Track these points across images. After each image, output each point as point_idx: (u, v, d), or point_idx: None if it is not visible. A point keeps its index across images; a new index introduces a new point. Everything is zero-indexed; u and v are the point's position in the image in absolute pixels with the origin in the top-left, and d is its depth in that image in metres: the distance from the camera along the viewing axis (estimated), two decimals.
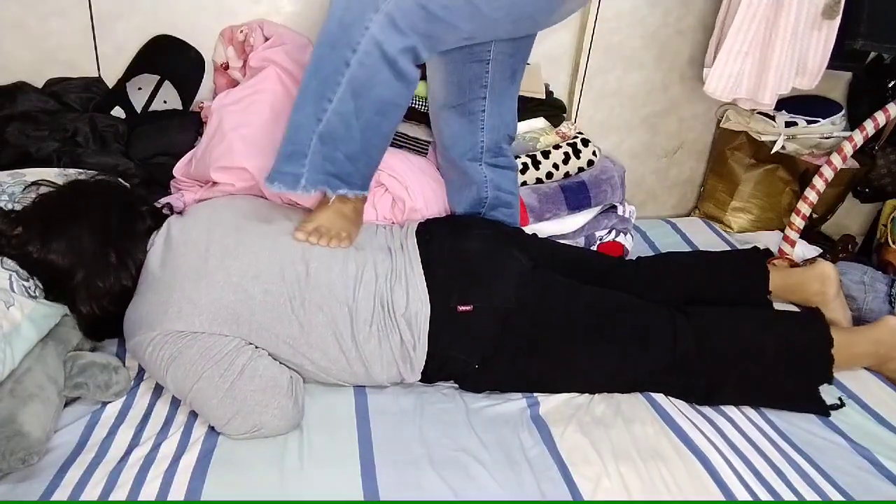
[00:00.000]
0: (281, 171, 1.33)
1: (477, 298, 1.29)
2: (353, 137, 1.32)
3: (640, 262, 1.61)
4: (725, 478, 1.18)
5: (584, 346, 1.33)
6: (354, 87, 1.28)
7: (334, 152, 1.32)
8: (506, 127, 1.60)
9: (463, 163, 1.59)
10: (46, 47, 1.74)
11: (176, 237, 1.30)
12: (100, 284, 1.26)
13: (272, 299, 1.23)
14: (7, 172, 1.45)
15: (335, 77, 1.28)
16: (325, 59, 1.29)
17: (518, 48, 1.52)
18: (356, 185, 1.38)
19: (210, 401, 1.16)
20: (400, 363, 1.28)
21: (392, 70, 1.28)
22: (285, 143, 1.33)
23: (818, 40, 1.84)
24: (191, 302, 1.20)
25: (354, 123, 1.31)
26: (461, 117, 1.55)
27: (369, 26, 1.25)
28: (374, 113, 1.32)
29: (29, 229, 1.25)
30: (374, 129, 1.34)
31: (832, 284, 1.59)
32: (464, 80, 1.52)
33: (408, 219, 1.58)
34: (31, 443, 1.07)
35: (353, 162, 1.35)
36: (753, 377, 1.35)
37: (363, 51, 1.26)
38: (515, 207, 1.65)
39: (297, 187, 1.32)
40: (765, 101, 1.85)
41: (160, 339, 1.17)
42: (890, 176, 2.15)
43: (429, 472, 1.14)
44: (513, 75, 1.55)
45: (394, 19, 1.25)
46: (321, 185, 1.34)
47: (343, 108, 1.29)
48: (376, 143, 1.37)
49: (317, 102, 1.30)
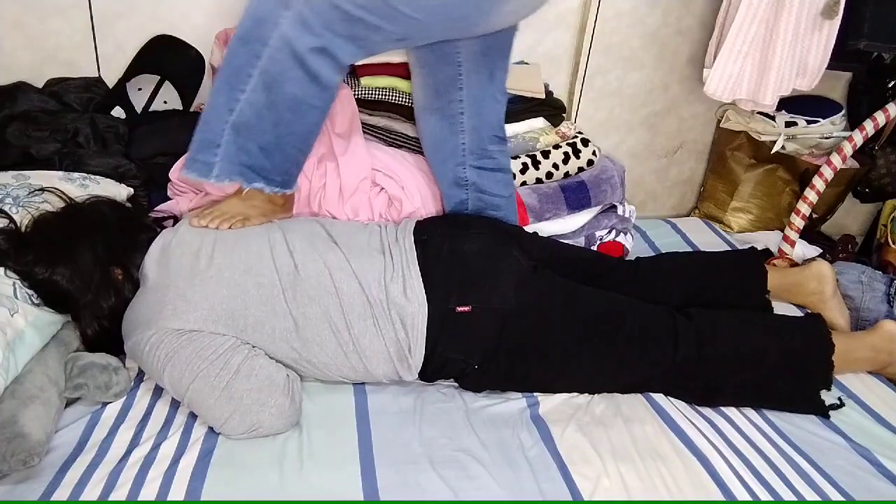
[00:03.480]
0: (195, 158, 1.34)
1: (476, 299, 1.29)
2: (265, 129, 1.33)
3: (639, 263, 1.61)
4: (725, 478, 1.18)
5: (583, 348, 1.33)
6: (266, 80, 1.30)
7: (248, 143, 1.33)
8: (489, 128, 1.57)
9: (446, 165, 1.58)
10: (46, 47, 1.74)
11: (170, 243, 1.31)
12: (103, 305, 1.27)
13: (265, 292, 1.24)
14: (11, 174, 1.45)
15: (247, 69, 1.29)
16: (237, 53, 1.30)
17: (490, 47, 1.49)
18: (275, 181, 1.38)
19: (206, 400, 1.16)
20: (396, 361, 1.28)
21: (302, 69, 1.29)
22: (197, 131, 1.34)
23: (818, 40, 1.84)
24: (184, 299, 1.20)
25: (267, 115, 1.32)
26: (441, 120, 1.55)
27: (279, 22, 1.26)
28: (286, 109, 1.32)
29: (34, 252, 1.26)
30: (286, 125, 1.34)
31: (828, 283, 1.60)
32: (439, 83, 1.52)
33: (405, 218, 1.57)
34: (32, 444, 1.07)
35: (268, 156, 1.35)
36: (753, 381, 1.35)
37: (274, 46, 1.28)
38: (505, 210, 1.62)
39: (209, 176, 1.33)
40: (765, 101, 1.85)
41: (156, 339, 1.18)
42: (890, 176, 2.15)
43: (428, 471, 1.14)
44: (491, 75, 1.53)
45: (304, 18, 1.26)
46: (235, 175, 1.34)
47: (255, 99, 1.31)
48: (291, 140, 1.37)
49: (229, 93, 1.31)
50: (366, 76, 1.68)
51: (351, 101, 1.68)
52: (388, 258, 1.33)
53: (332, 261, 1.30)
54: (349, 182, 1.56)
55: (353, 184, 1.57)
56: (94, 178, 1.53)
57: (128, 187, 1.58)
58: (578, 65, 2.04)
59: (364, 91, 1.69)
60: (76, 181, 1.49)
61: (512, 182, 1.67)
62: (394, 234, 1.42)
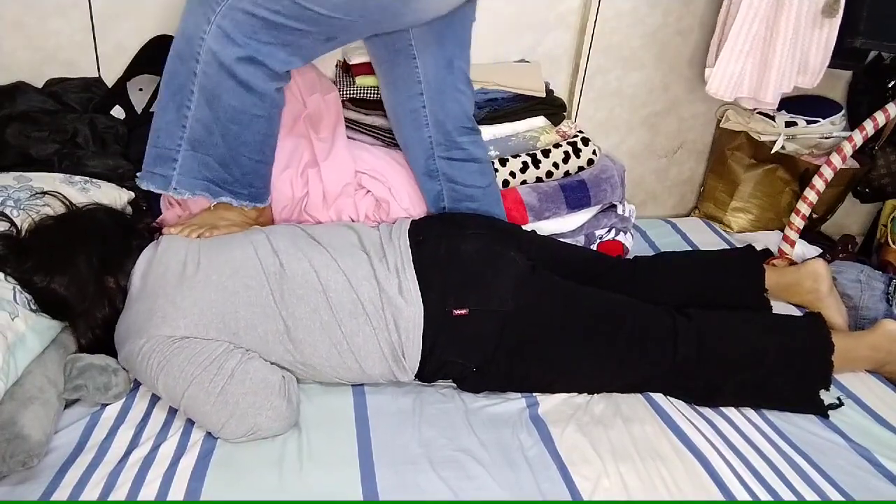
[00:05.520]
0: (151, 171, 1.37)
1: (473, 302, 1.29)
2: (217, 143, 1.35)
3: (637, 262, 1.61)
4: (725, 478, 1.18)
5: (583, 349, 1.33)
6: (206, 95, 1.32)
7: (206, 158, 1.36)
8: (454, 119, 1.57)
9: (417, 158, 1.59)
10: (46, 47, 1.74)
11: (156, 254, 1.32)
12: (97, 315, 1.28)
13: (254, 294, 1.24)
14: (12, 175, 1.45)
15: (188, 86, 1.32)
16: (177, 71, 1.33)
17: (443, 37, 1.49)
18: (241, 195, 1.41)
19: (203, 406, 1.16)
20: (392, 362, 1.27)
21: (233, 79, 1.31)
22: (150, 146, 1.37)
23: (819, 39, 1.84)
24: (174, 305, 1.20)
25: (215, 130, 1.34)
26: (405, 115, 1.56)
27: (204, 38, 1.28)
28: (228, 121, 1.34)
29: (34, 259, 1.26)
30: (234, 137, 1.36)
31: (824, 282, 1.60)
32: (398, 78, 1.53)
33: (395, 218, 1.57)
34: (32, 445, 1.07)
35: (226, 169, 1.38)
36: (753, 381, 1.35)
37: (204, 61, 1.30)
38: (481, 200, 1.62)
39: (167, 188, 1.37)
40: (767, 100, 1.85)
41: (149, 348, 1.17)
42: (890, 176, 2.14)
43: (428, 472, 1.14)
44: (448, 66, 1.52)
45: (225, 30, 1.28)
46: (199, 190, 1.38)
47: (201, 115, 1.34)
48: (244, 151, 1.38)
49: (177, 110, 1.34)
50: (360, 75, 1.69)
51: (337, 104, 1.69)
52: (381, 258, 1.33)
53: (317, 259, 1.30)
54: (332, 188, 1.56)
55: (337, 189, 1.57)
56: (96, 183, 1.52)
57: (128, 191, 1.57)
58: (578, 65, 2.04)
59: (359, 90, 1.69)
60: (77, 185, 1.49)
61: (489, 172, 1.66)
62: (388, 233, 1.41)
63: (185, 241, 1.35)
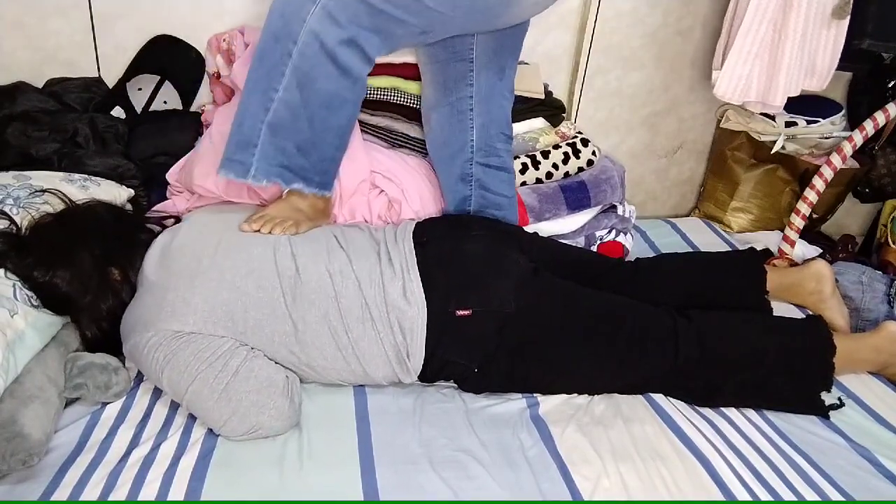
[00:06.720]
0: (231, 159, 1.35)
1: (476, 303, 1.29)
2: (301, 128, 1.34)
3: (638, 263, 1.61)
4: (725, 478, 1.18)
5: (584, 350, 1.33)
6: (299, 77, 1.30)
7: (285, 143, 1.34)
8: (497, 125, 1.58)
9: (454, 161, 1.59)
10: (46, 47, 1.74)
11: (170, 244, 1.31)
12: (101, 307, 1.27)
13: (265, 295, 1.24)
14: (12, 174, 1.45)
15: (279, 68, 1.30)
16: (268, 51, 1.31)
17: (502, 45, 1.50)
18: (312, 181, 1.39)
19: (206, 402, 1.16)
20: (395, 365, 1.28)
21: (333, 63, 1.30)
22: (233, 132, 1.35)
23: (827, 41, 1.83)
24: (184, 301, 1.20)
25: (302, 114, 1.33)
26: (451, 116, 1.56)
27: (307, 18, 1.27)
28: (319, 105, 1.33)
29: (34, 255, 1.26)
30: (322, 121, 1.35)
31: (827, 283, 1.60)
32: (449, 79, 1.53)
33: (404, 220, 1.57)
34: (32, 444, 1.07)
35: (305, 155, 1.36)
36: (754, 382, 1.35)
37: (303, 42, 1.28)
38: (507, 210, 1.62)
39: (246, 176, 1.34)
40: (775, 102, 1.83)
41: (155, 341, 1.17)
42: (890, 176, 2.15)
43: (428, 471, 1.14)
44: (500, 72, 1.54)
45: (331, 12, 1.27)
46: (274, 176, 1.35)
47: (289, 98, 1.32)
48: (327, 137, 1.37)
49: (264, 93, 1.32)
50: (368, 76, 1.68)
51: None
52: (387, 260, 1.33)
53: (336, 264, 1.29)
54: (348, 184, 1.56)
55: (352, 186, 1.57)
56: (95, 180, 1.53)
57: (128, 189, 1.58)
58: (578, 65, 2.04)
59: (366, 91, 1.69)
60: (77, 182, 1.49)
61: (514, 183, 1.67)
62: (392, 235, 1.41)
63: (203, 232, 1.33)
